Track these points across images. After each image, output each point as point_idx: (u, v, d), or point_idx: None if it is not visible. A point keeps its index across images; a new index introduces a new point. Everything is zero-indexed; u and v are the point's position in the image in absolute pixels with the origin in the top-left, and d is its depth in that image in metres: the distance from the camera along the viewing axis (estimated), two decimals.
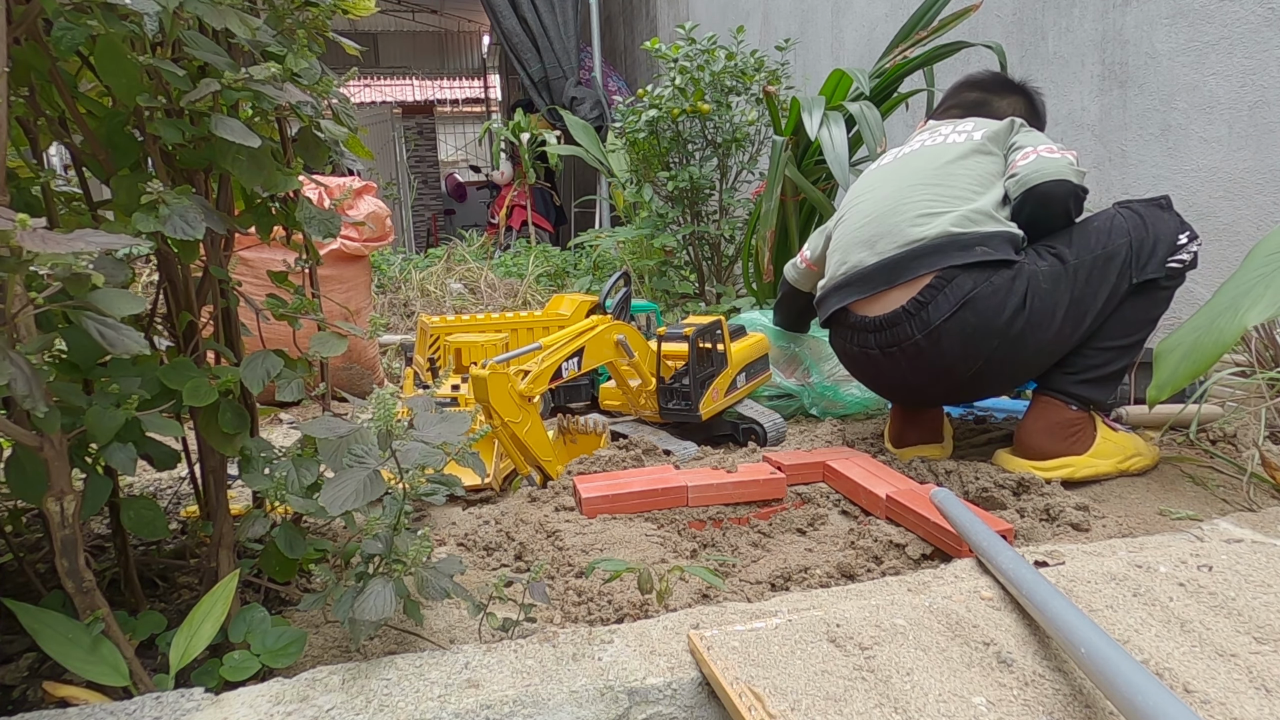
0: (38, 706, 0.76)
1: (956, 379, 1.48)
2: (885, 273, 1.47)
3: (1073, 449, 1.45)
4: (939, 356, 1.43)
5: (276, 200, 1.01)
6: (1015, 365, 1.45)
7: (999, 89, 1.73)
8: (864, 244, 1.52)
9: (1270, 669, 0.75)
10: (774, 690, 0.73)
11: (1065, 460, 1.44)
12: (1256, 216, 2.05)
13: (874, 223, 1.52)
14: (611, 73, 7.05)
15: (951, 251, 1.41)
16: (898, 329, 1.45)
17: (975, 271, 1.39)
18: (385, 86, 13.46)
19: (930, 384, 1.52)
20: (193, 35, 0.82)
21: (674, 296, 3.46)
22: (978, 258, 1.39)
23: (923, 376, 1.49)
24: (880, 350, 1.49)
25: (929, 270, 1.41)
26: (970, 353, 1.42)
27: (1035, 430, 1.47)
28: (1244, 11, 2.04)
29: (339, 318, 1.04)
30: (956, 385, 1.51)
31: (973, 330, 1.39)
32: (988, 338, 1.40)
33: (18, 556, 0.98)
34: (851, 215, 1.60)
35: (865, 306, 1.51)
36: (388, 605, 0.79)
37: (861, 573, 1.14)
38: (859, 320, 1.52)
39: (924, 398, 1.62)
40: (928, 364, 1.45)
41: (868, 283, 1.49)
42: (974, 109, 1.71)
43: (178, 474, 1.60)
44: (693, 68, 3.09)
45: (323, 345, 0.96)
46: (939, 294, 1.40)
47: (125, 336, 0.68)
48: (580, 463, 1.58)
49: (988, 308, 1.38)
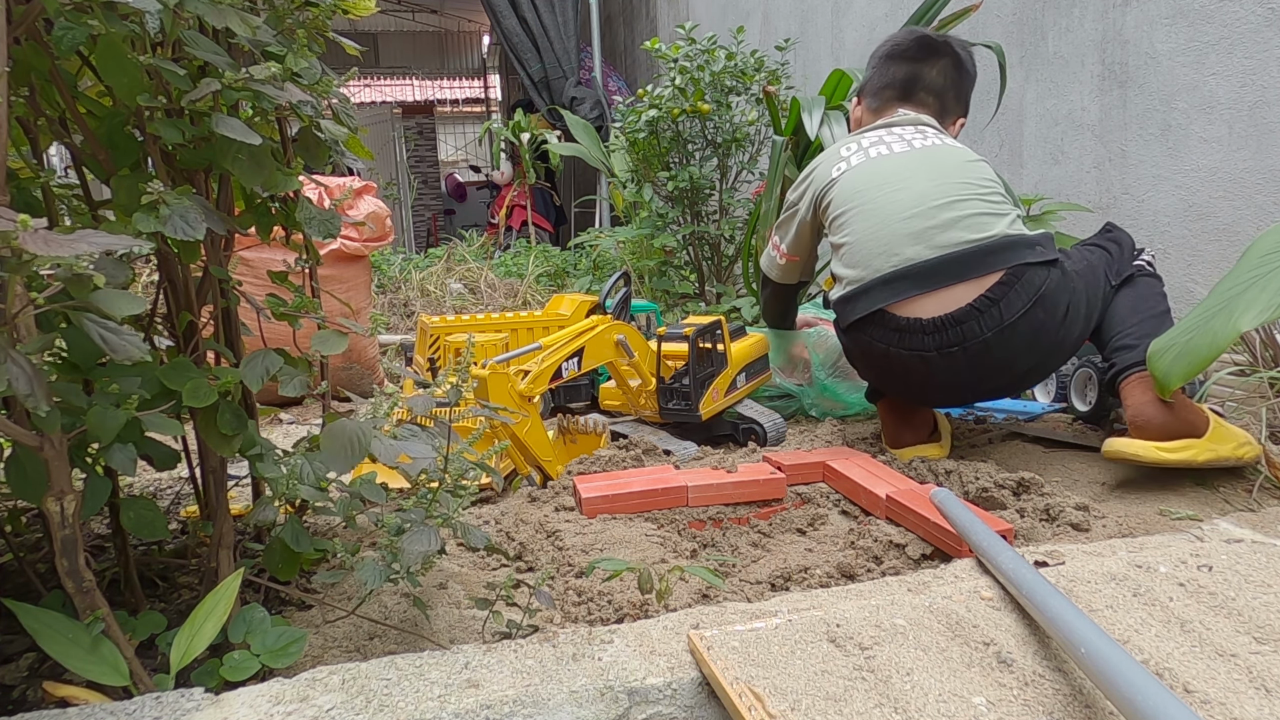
0: (38, 706, 0.76)
1: (1009, 376, 1.47)
2: (953, 267, 1.42)
3: (1189, 421, 1.36)
4: (1005, 354, 1.41)
5: (276, 200, 1.01)
6: (1055, 360, 1.48)
7: (925, 55, 1.70)
8: (914, 237, 1.45)
9: (1270, 669, 0.75)
10: (774, 690, 0.73)
11: (1187, 442, 1.36)
12: (1256, 216, 2.05)
13: (922, 217, 1.46)
14: (611, 73, 7.06)
15: (1020, 249, 1.41)
16: (963, 327, 1.40)
17: (1039, 269, 1.40)
18: (385, 86, 13.45)
19: (978, 382, 1.49)
20: (193, 35, 0.82)
21: (674, 296, 3.46)
22: (1040, 257, 1.40)
23: (975, 375, 1.46)
24: (937, 352, 1.43)
25: (1001, 267, 1.39)
26: (1034, 347, 1.42)
27: (1147, 403, 1.37)
28: (1244, 11, 2.04)
29: (339, 317, 1.04)
30: (1004, 383, 1.51)
31: (1040, 326, 1.40)
32: (1051, 333, 1.41)
33: (18, 556, 0.98)
34: (881, 208, 1.51)
35: (916, 306, 1.44)
36: (434, 540, 0.83)
37: (861, 573, 1.14)
38: (908, 322, 1.44)
39: (959, 397, 1.61)
40: (991, 362, 1.42)
41: (929, 278, 1.43)
42: (908, 87, 1.70)
43: (178, 474, 1.60)
44: (693, 68, 3.09)
45: (324, 344, 0.96)
46: (1010, 290, 1.38)
47: (126, 341, 0.68)
48: (580, 463, 1.58)
49: (1054, 304, 1.40)
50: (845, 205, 1.57)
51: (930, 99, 1.72)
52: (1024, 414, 1.96)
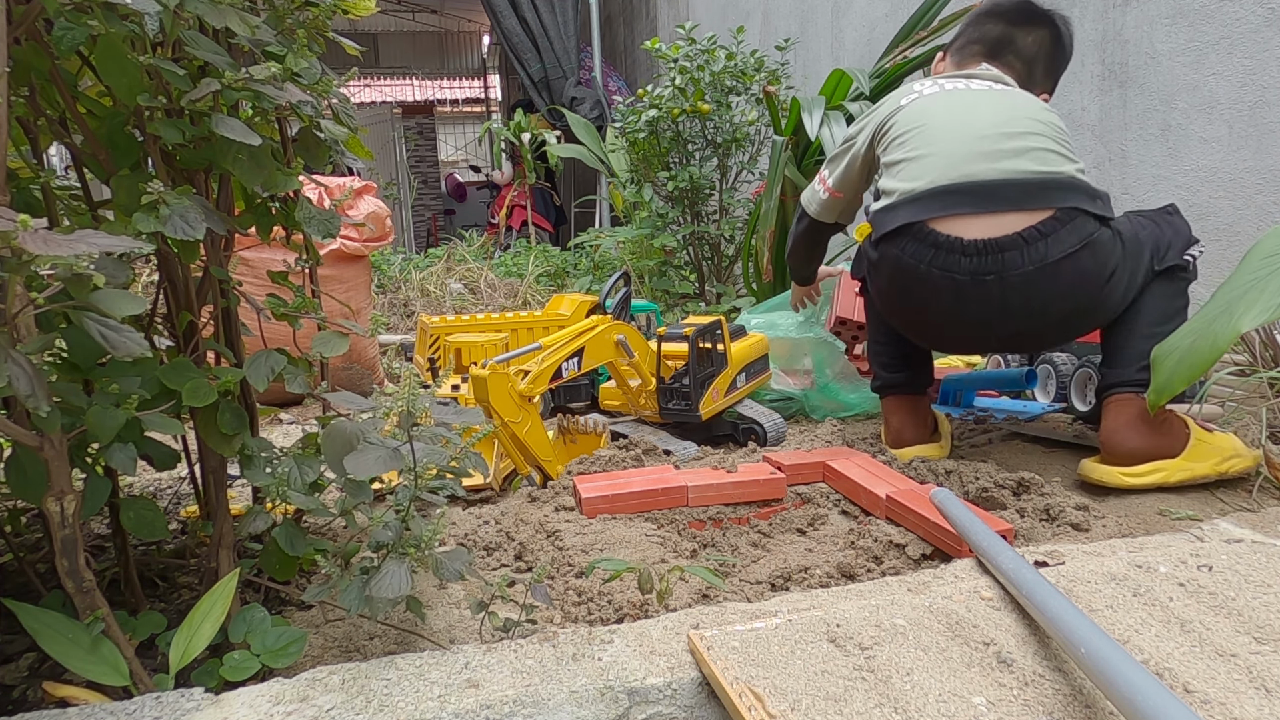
0: (38, 706, 0.76)
1: (1038, 323, 1.41)
2: (1010, 192, 1.36)
3: (1165, 444, 1.37)
4: (1041, 296, 1.36)
5: (276, 200, 1.01)
6: (1088, 321, 1.44)
7: (1023, 20, 1.63)
8: (981, 155, 1.39)
9: (1270, 669, 0.75)
10: (774, 690, 0.73)
11: (1157, 465, 1.37)
12: (1256, 216, 2.06)
13: (993, 139, 1.40)
14: (611, 73, 7.06)
15: (1082, 195, 1.37)
16: (1006, 255, 1.34)
17: (1093, 220, 1.36)
18: (385, 86, 13.46)
19: (1004, 322, 1.42)
20: (193, 35, 0.82)
21: (674, 296, 3.46)
22: (1099, 210, 1.36)
23: (1004, 314, 1.40)
24: (971, 276, 1.37)
25: (1058, 205, 1.35)
26: (1072, 296, 1.37)
27: (1120, 428, 1.38)
28: (1244, 11, 2.04)
29: (339, 317, 1.04)
30: (1029, 330, 1.45)
31: (1084, 274, 1.35)
32: (1093, 285, 1.36)
33: (18, 556, 0.98)
34: (951, 127, 1.45)
35: (961, 225, 1.38)
36: (404, 583, 0.81)
37: (861, 573, 1.14)
38: (948, 240, 1.37)
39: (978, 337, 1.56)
40: (1024, 301, 1.37)
41: (984, 199, 1.37)
42: (997, 47, 1.63)
43: (178, 474, 1.60)
44: (693, 68, 3.09)
45: (325, 344, 0.96)
46: (1062, 229, 1.34)
47: (126, 338, 0.69)
48: (580, 463, 1.58)
49: (1103, 255, 1.36)
50: (911, 125, 1.50)
51: (1018, 64, 1.63)
52: (1024, 414, 1.96)
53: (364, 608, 0.82)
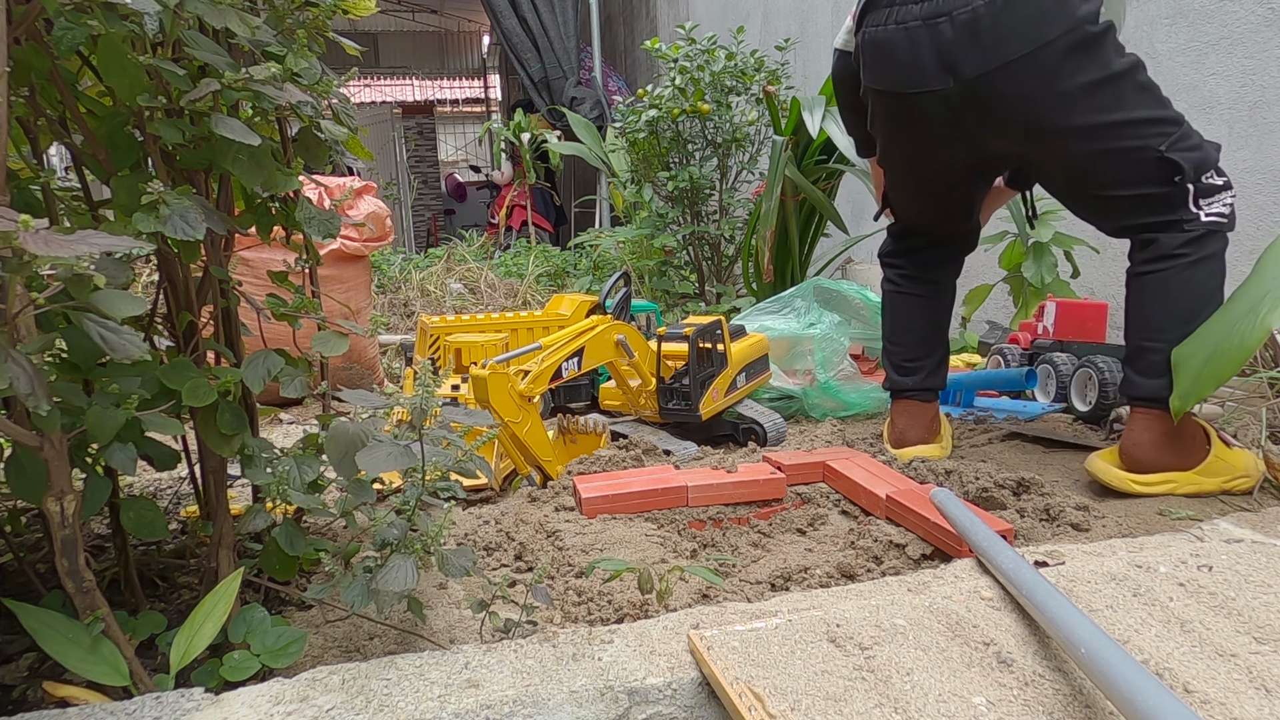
0: (38, 706, 0.76)
1: (995, 65, 1.32)
2: None
3: (1183, 462, 1.38)
4: (995, 34, 1.29)
5: (276, 200, 1.01)
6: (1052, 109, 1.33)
7: None
8: None
9: (1270, 669, 0.75)
10: (774, 690, 0.73)
11: (1169, 476, 1.37)
12: (1256, 216, 2.06)
13: None
14: (611, 73, 7.06)
15: None
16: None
17: None
18: (385, 86, 13.46)
19: (968, 69, 1.34)
20: (193, 35, 0.82)
21: (674, 296, 3.46)
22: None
23: (963, 62, 1.34)
24: (922, 21, 1.35)
25: None
26: (1031, 37, 1.29)
27: (1144, 444, 1.38)
28: (1244, 11, 2.04)
29: (340, 317, 1.04)
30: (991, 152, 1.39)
31: (1045, 9, 1.28)
32: (1056, 23, 1.28)
33: (18, 556, 0.98)
34: None
35: None
36: (411, 577, 0.81)
37: (861, 573, 1.14)
38: None
39: (947, 155, 1.49)
40: (979, 46, 1.31)
41: None
42: None
43: (178, 474, 1.60)
44: (693, 68, 3.09)
45: (324, 344, 0.96)
46: None
47: (125, 340, 0.69)
48: (580, 463, 1.58)
49: (1065, 9, 1.27)
50: None
51: None
52: (1024, 414, 1.96)
53: (368, 603, 0.82)
